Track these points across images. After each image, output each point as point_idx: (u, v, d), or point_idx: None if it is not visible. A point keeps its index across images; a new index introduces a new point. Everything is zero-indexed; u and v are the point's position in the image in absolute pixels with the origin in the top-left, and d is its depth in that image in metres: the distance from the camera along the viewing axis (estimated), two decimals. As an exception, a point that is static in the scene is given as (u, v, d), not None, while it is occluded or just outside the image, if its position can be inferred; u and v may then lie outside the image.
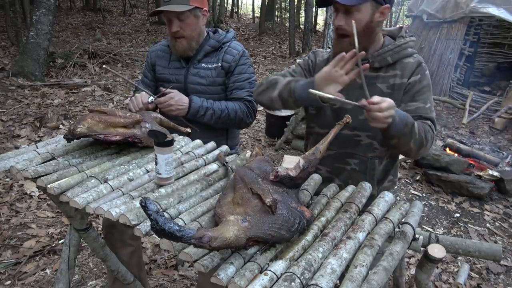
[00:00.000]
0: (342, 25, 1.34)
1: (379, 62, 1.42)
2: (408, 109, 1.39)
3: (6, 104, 4.94)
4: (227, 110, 1.80)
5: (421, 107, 1.39)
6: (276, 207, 0.90)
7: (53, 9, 6.39)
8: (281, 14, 19.73)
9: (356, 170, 1.50)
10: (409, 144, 1.32)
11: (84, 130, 1.29)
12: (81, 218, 1.53)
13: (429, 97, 1.41)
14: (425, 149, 1.37)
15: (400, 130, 1.26)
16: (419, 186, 3.70)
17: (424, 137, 1.33)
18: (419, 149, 1.36)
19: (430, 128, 1.38)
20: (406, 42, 1.44)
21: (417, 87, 1.40)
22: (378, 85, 1.42)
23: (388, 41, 1.46)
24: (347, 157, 1.50)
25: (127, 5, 16.99)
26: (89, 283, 2.25)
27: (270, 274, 0.82)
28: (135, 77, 7.02)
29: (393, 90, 1.42)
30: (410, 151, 1.37)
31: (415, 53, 1.46)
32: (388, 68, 1.43)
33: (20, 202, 2.98)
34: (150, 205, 0.78)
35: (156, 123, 1.51)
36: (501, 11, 6.36)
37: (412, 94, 1.41)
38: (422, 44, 7.71)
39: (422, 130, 1.33)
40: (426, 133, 1.34)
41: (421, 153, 1.40)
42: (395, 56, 1.42)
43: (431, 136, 1.37)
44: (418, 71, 1.41)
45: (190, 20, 1.76)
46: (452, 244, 1.09)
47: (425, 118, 1.39)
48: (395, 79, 1.41)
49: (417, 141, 1.32)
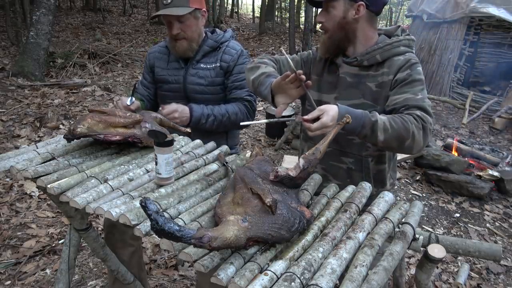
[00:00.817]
0: (323, 22, 1.43)
1: (367, 61, 1.41)
2: (396, 101, 1.33)
3: (6, 104, 4.94)
4: (228, 114, 1.80)
5: (410, 98, 1.30)
6: (276, 207, 0.90)
7: (53, 9, 6.39)
8: (281, 14, 19.73)
9: (353, 169, 1.50)
10: (377, 140, 1.23)
11: (84, 130, 1.29)
12: (81, 218, 1.53)
13: (420, 90, 1.32)
14: (413, 142, 1.23)
15: (356, 132, 1.24)
16: (419, 186, 3.70)
17: (402, 129, 1.21)
18: (401, 143, 1.23)
19: (416, 118, 1.24)
20: (398, 40, 1.42)
21: (406, 81, 1.34)
22: (367, 84, 1.42)
23: (381, 39, 1.45)
24: (341, 155, 1.50)
25: (127, 5, 16.98)
26: (89, 283, 2.25)
27: (270, 274, 0.82)
28: (135, 77, 7.02)
29: (381, 88, 1.41)
30: (392, 149, 1.32)
31: (409, 52, 1.41)
32: (378, 66, 1.42)
33: (20, 202, 2.98)
34: (150, 205, 0.78)
35: (156, 123, 1.51)
36: (501, 11, 6.36)
37: (400, 87, 1.35)
38: (422, 44, 7.71)
39: (399, 122, 1.22)
40: (405, 124, 1.21)
41: (414, 148, 1.25)
42: (385, 54, 1.40)
43: (416, 127, 1.22)
44: (407, 67, 1.36)
45: (190, 21, 1.76)
46: (452, 244, 1.09)
47: (413, 107, 1.28)
48: (383, 77, 1.40)
49: (391, 136, 1.21)
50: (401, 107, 1.31)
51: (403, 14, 16.71)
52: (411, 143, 1.23)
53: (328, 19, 1.41)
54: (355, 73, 1.45)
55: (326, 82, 1.52)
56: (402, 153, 1.40)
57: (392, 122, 1.22)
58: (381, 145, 1.26)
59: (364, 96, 1.42)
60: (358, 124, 1.23)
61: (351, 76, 1.45)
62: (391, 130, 1.21)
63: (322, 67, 1.54)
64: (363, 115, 1.23)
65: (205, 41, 1.86)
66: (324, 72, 1.53)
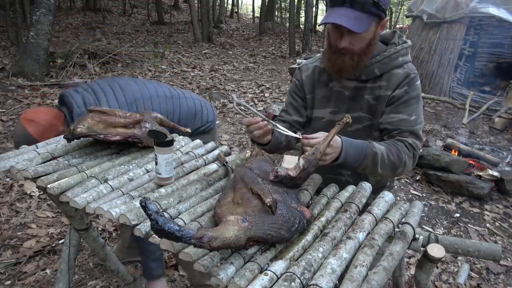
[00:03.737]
0: (347, 46, 1.30)
1: (366, 75, 1.38)
2: (390, 120, 1.35)
3: (6, 104, 4.94)
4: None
5: (405, 119, 1.34)
6: (276, 207, 0.91)
7: (53, 9, 6.39)
8: (281, 14, 19.73)
9: (350, 182, 1.48)
10: (377, 171, 1.29)
11: (84, 130, 1.29)
12: (81, 218, 1.53)
13: (415, 110, 1.35)
14: (403, 170, 1.32)
15: (358, 161, 1.25)
16: (419, 186, 3.70)
17: (396, 159, 1.28)
18: (393, 172, 1.32)
19: (408, 147, 1.31)
20: (396, 51, 1.37)
21: (402, 99, 1.35)
22: (365, 97, 1.41)
23: (378, 50, 1.39)
24: (339, 167, 1.47)
25: (127, 5, 16.99)
26: (89, 283, 2.25)
27: (270, 274, 0.82)
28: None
29: (378, 102, 1.39)
30: (382, 176, 1.35)
31: (407, 63, 1.39)
32: (376, 79, 1.39)
33: (20, 202, 2.98)
34: (150, 205, 0.78)
35: (156, 123, 1.51)
36: (501, 11, 6.36)
37: (396, 105, 1.35)
38: (422, 44, 7.70)
39: (394, 153, 1.28)
40: (399, 154, 1.29)
41: (403, 173, 1.37)
42: (383, 68, 1.37)
43: (408, 156, 1.31)
44: (405, 83, 1.35)
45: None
46: (452, 244, 1.09)
47: (407, 132, 1.33)
48: (380, 90, 1.38)
49: (387, 166, 1.28)
50: (394, 129, 1.35)
51: (403, 14, 16.71)
52: (401, 170, 1.33)
53: (357, 42, 1.28)
54: (353, 86, 1.42)
55: (319, 98, 1.50)
56: (387, 177, 1.49)
57: (390, 151, 1.28)
58: (375, 174, 1.32)
59: (362, 109, 1.42)
60: (360, 154, 1.24)
61: (349, 89, 1.43)
62: (388, 161, 1.28)
63: (312, 84, 1.52)
64: (365, 145, 1.26)
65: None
66: (315, 89, 1.51)
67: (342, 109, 1.45)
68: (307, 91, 1.53)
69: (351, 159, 1.24)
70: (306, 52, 10.75)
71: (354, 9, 1.23)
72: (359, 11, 1.23)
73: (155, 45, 10.51)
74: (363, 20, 1.23)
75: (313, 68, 1.53)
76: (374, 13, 1.24)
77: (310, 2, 11.20)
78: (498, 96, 6.41)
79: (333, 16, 1.26)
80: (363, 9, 1.22)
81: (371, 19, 1.25)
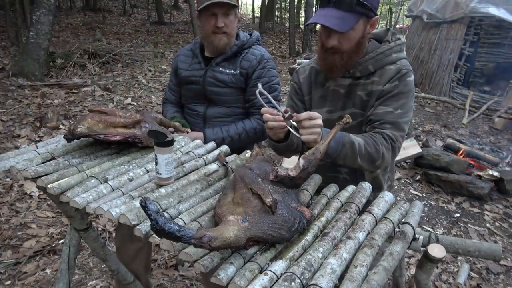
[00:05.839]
0: (335, 45, 1.32)
1: (360, 72, 1.40)
2: (375, 112, 1.36)
3: (6, 104, 4.94)
4: (245, 131, 1.81)
5: (389, 112, 1.34)
6: (276, 207, 0.91)
7: (53, 9, 6.39)
8: (281, 14, 19.73)
9: (348, 179, 1.49)
10: (357, 161, 1.28)
11: (84, 130, 1.29)
12: (81, 218, 1.53)
13: (403, 104, 1.35)
14: (382, 162, 1.32)
15: (338, 151, 1.24)
16: (419, 186, 3.70)
17: (374, 151, 1.28)
18: (372, 164, 1.31)
19: (386, 139, 1.31)
20: (389, 48, 1.39)
21: (392, 93, 1.35)
22: (358, 93, 1.42)
23: (372, 47, 1.40)
24: (337, 165, 1.48)
25: (127, 5, 16.99)
26: (89, 283, 2.25)
27: (270, 274, 0.82)
28: (134, 77, 7.02)
29: (370, 97, 1.40)
30: (362, 168, 1.34)
31: (400, 59, 1.40)
32: (369, 75, 1.40)
33: (20, 202, 2.98)
34: (150, 205, 0.78)
35: (156, 123, 1.51)
36: (501, 11, 6.36)
37: (384, 99, 1.36)
38: (422, 44, 7.71)
39: (371, 144, 1.28)
40: (376, 146, 1.29)
41: (382, 166, 1.35)
42: (377, 64, 1.38)
43: (386, 148, 1.30)
44: (396, 78, 1.36)
45: (233, 17, 1.75)
46: (452, 244, 1.09)
47: (388, 123, 1.33)
48: (373, 86, 1.39)
49: (365, 157, 1.28)
50: (376, 120, 1.35)
51: (403, 14, 16.71)
52: (380, 162, 1.32)
53: (345, 41, 1.31)
54: (348, 84, 1.44)
55: (316, 98, 1.51)
56: (369, 170, 1.47)
57: (367, 143, 1.28)
58: (357, 165, 1.31)
59: (355, 105, 1.43)
60: (338, 143, 1.24)
61: (344, 87, 1.44)
62: (365, 152, 1.28)
63: (309, 85, 1.53)
64: (341, 135, 1.26)
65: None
66: (312, 89, 1.52)
67: (337, 107, 1.46)
68: (305, 93, 1.54)
69: (330, 149, 1.22)
70: (306, 52, 10.74)
71: (339, 9, 1.25)
72: (343, 10, 1.25)
73: (155, 45, 10.52)
74: (347, 20, 1.25)
75: (310, 69, 1.55)
76: (360, 12, 1.26)
77: (310, 2, 11.19)
78: (498, 96, 6.41)
79: (318, 16, 1.31)
80: (348, 9, 1.25)
81: (357, 18, 1.27)
